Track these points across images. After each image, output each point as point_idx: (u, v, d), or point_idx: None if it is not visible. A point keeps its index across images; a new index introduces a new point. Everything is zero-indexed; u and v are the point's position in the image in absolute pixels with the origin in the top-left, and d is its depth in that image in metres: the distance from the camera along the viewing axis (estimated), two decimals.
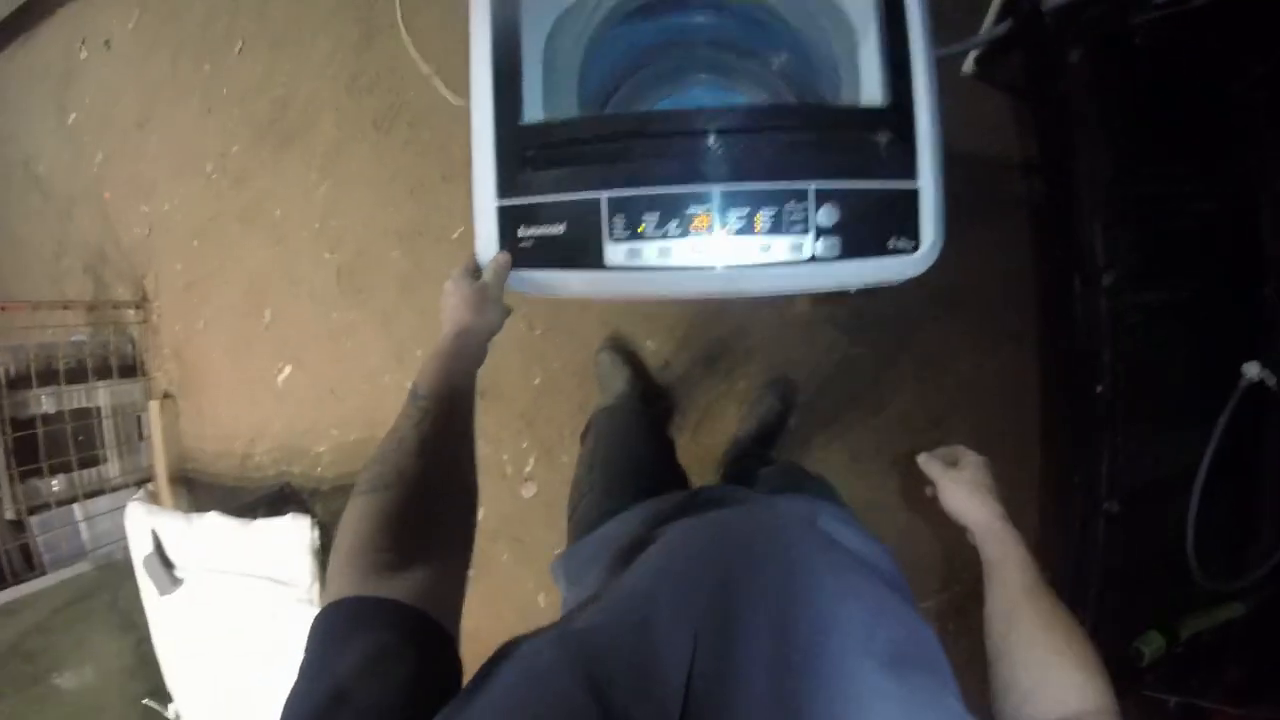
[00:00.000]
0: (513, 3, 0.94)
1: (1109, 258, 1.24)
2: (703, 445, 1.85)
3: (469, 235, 0.91)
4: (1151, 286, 1.26)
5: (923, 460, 0.89)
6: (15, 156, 3.08)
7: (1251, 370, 1.25)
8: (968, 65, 1.65)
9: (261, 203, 2.37)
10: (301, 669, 0.46)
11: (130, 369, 2.53)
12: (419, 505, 0.59)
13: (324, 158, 2.28)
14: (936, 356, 1.73)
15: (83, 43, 2.85)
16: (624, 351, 1.90)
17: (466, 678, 0.46)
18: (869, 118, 0.88)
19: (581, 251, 0.88)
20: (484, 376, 2.04)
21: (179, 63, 2.59)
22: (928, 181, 0.84)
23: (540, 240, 0.89)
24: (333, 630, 0.48)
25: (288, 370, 2.30)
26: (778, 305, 1.80)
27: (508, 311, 0.90)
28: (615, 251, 0.87)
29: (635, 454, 1.18)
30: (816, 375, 1.80)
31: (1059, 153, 1.31)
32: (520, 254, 0.90)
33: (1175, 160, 1.26)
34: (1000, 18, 1.49)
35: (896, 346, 1.75)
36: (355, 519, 0.57)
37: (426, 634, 0.48)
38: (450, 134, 2.08)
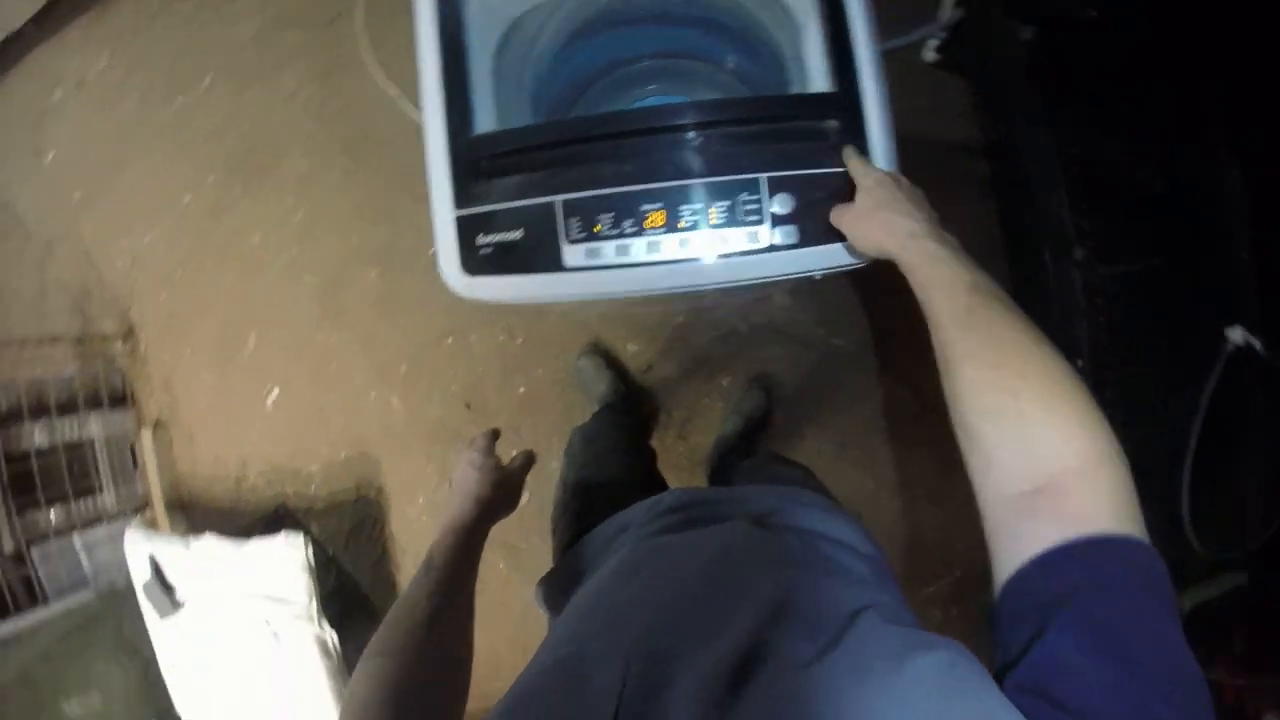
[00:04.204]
0: (459, 18, 0.95)
1: (1079, 231, 1.24)
2: (690, 444, 1.86)
3: None
4: (1123, 257, 1.26)
5: (834, 217, 0.79)
6: None
7: (1236, 335, 1.23)
8: (928, 53, 1.66)
9: (239, 232, 2.37)
10: None
11: (121, 399, 2.52)
12: (421, 674, 0.62)
13: (297, 185, 2.30)
14: (916, 344, 1.71)
15: (57, 84, 2.85)
16: (605, 356, 1.90)
17: None
18: (817, 104, 0.89)
19: (540, 255, 0.88)
20: (469, 388, 2.05)
21: (150, 99, 2.60)
22: (882, 163, 0.85)
23: (499, 246, 0.90)
24: None
25: (275, 392, 2.30)
26: (757, 303, 1.81)
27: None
28: (573, 253, 0.88)
29: (609, 471, 1.18)
30: (799, 369, 1.81)
31: (1018, 130, 1.32)
32: (480, 261, 0.91)
33: (1137, 131, 1.27)
34: (959, 3, 1.50)
35: (877, 337, 1.76)
36: (365, 678, 0.61)
37: None
38: (419, 156, 2.06)
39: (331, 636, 1.78)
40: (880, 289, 1.71)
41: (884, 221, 0.69)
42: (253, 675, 1.88)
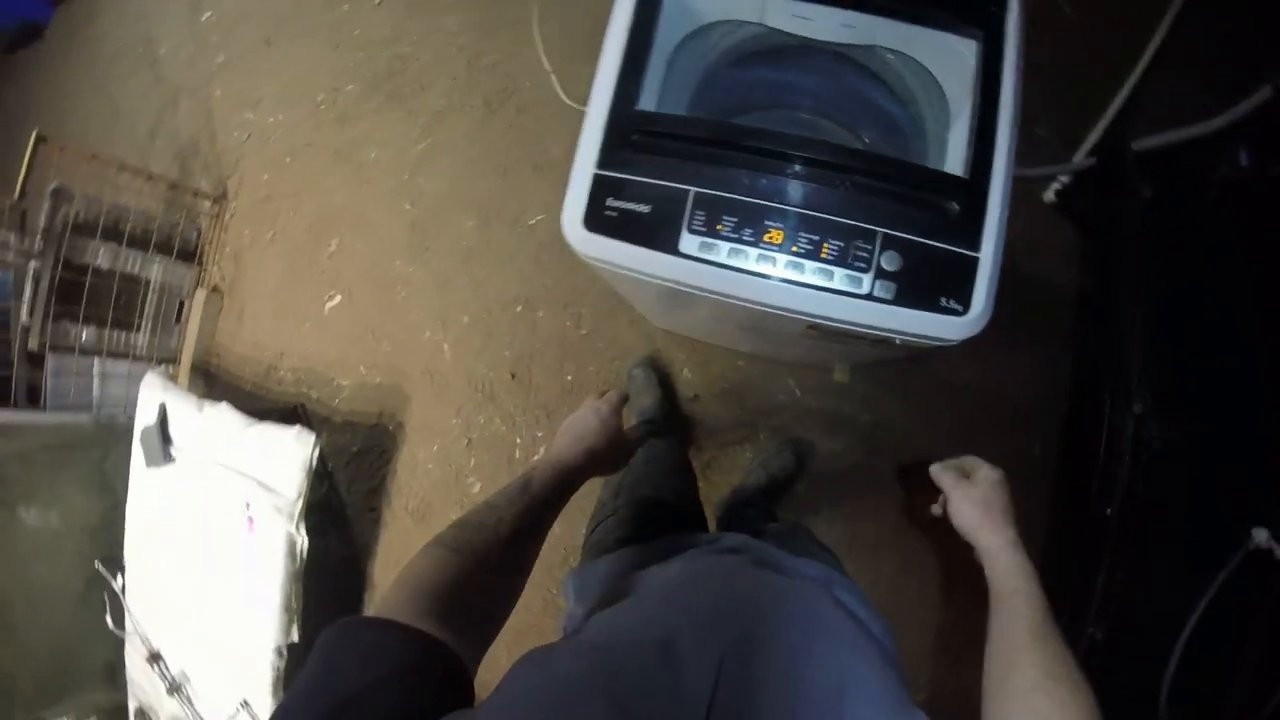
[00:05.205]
0: (655, 5, 1.03)
1: (1144, 386, 1.27)
2: (709, 483, 1.86)
3: (546, 224, 0.92)
4: (1179, 422, 1.28)
5: (935, 470, 0.84)
6: (139, 34, 3.22)
7: (1260, 536, 1.24)
8: (1049, 194, 1.72)
9: (359, 143, 2.47)
10: (338, 665, 0.51)
11: (189, 255, 2.61)
12: (482, 581, 0.64)
13: (428, 119, 2.38)
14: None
15: None
16: (659, 372, 1.91)
17: None
18: (947, 183, 0.94)
19: (659, 234, 0.94)
20: (520, 359, 2.07)
21: None
22: (988, 255, 0.90)
23: (625, 214, 0.96)
24: (378, 641, 0.54)
25: (336, 300, 2.37)
26: (817, 373, 1.84)
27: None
28: (690, 242, 0.93)
29: (662, 487, 1.19)
30: (836, 449, 1.82)
31: (1113, 280, 1.36)
32: (603, 221, 0.96)
33: (1225, 310, 1.30)
34: (1092, 153, 1.56)
35: (920, 444, 1.78)
36: (430, 566, 0.63)
37: (448, 665, 0.54)
38: (553, 130, 2.17)
39: (303, 541, 1.77)
40: (936, 402, 1.75)
41: (995, 520, 0.76)
42: (210, 549, 1.90)
